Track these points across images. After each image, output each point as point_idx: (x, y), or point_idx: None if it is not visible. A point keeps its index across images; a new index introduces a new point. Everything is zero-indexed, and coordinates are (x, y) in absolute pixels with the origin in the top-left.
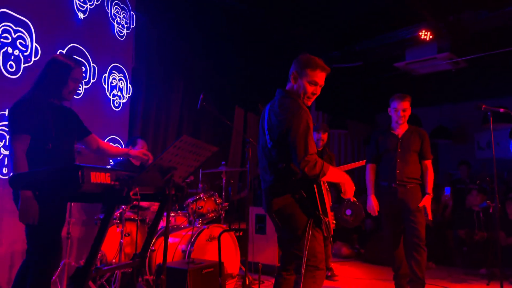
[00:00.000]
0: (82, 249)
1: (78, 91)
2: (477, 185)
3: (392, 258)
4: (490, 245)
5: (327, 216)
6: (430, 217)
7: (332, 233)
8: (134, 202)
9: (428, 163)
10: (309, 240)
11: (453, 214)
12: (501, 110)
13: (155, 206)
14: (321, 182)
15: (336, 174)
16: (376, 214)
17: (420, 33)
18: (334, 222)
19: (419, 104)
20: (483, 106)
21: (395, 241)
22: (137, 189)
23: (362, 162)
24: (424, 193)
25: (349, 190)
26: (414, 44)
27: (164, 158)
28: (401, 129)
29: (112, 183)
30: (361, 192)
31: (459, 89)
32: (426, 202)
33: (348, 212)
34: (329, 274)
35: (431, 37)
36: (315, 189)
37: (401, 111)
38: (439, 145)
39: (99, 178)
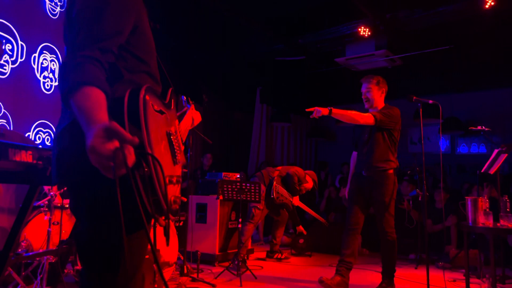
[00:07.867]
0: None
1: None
2: (408, 175)
3: None
4: (418, 232)
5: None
6: None
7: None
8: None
9: None
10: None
11: None
12: (430, 101)
13: None
14: None
15: None
16: None
17: (359, 29)
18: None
19: (359, 100)
20: (414, 97)
21: None
22: None
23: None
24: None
25: None
26: (354, 40)
27: None
28: None
29: (35, 162)
30: None
31: (395, 86)
32: None
33: None
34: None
35: (369, 33)
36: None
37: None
38: None
39: (19, 155)
